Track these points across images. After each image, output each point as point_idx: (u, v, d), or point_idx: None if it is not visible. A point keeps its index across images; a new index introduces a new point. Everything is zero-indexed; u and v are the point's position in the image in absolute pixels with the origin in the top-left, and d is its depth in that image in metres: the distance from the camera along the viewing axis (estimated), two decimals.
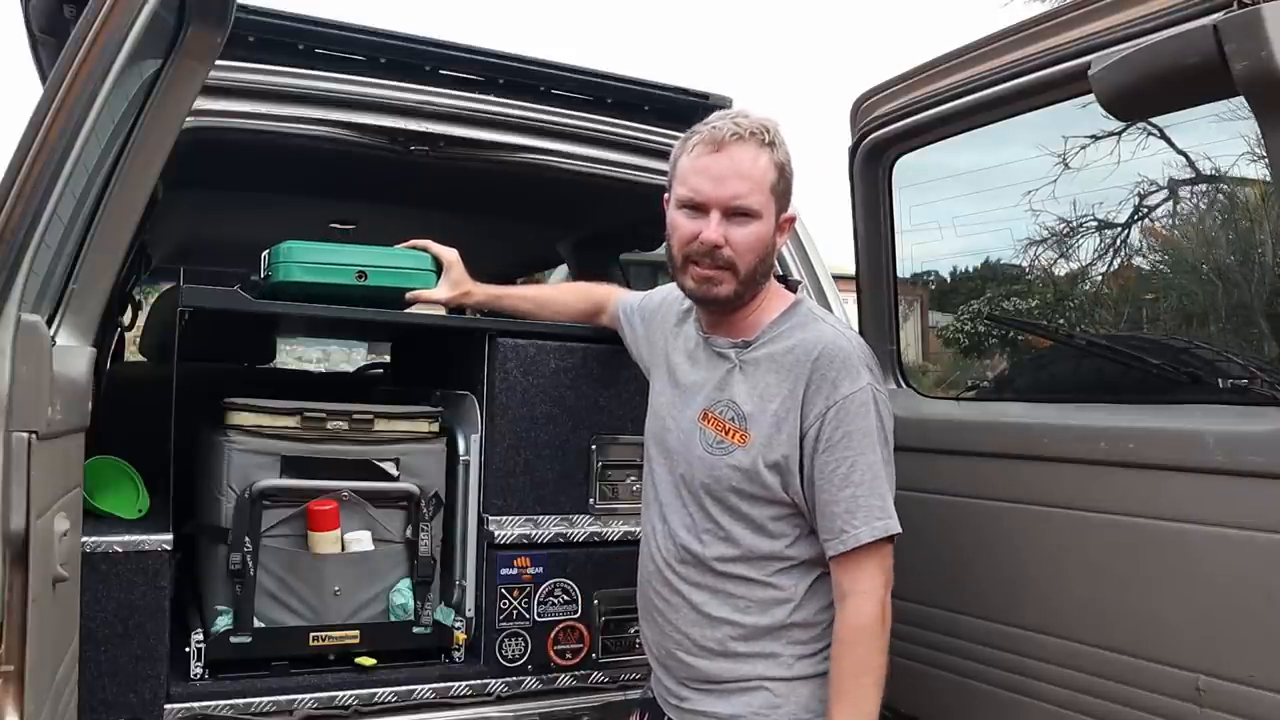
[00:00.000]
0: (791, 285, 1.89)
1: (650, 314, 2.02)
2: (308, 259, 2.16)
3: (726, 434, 1.70)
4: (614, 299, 2.22)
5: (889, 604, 1.64)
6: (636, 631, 2.27)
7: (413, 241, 2.32)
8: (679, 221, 1.71)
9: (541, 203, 3.02)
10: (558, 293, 2.43)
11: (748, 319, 1.76)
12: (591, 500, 2.31)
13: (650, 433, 1.89)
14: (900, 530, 1.64)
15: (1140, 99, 1.62)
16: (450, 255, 2.29)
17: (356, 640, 2.14)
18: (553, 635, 2.25)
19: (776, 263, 2.43)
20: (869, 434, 1.63)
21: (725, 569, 1.70)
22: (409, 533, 2.21)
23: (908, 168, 2.35)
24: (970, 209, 2.54)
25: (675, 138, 1.79)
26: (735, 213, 1.66)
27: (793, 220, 1.77)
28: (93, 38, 1.33)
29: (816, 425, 1.63)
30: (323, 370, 8.13)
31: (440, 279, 2.27)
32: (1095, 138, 2.40)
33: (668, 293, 1.98)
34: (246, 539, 2.06)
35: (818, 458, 1.63)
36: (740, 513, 1.69)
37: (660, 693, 1.83)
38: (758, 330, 1.74)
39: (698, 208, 1.68)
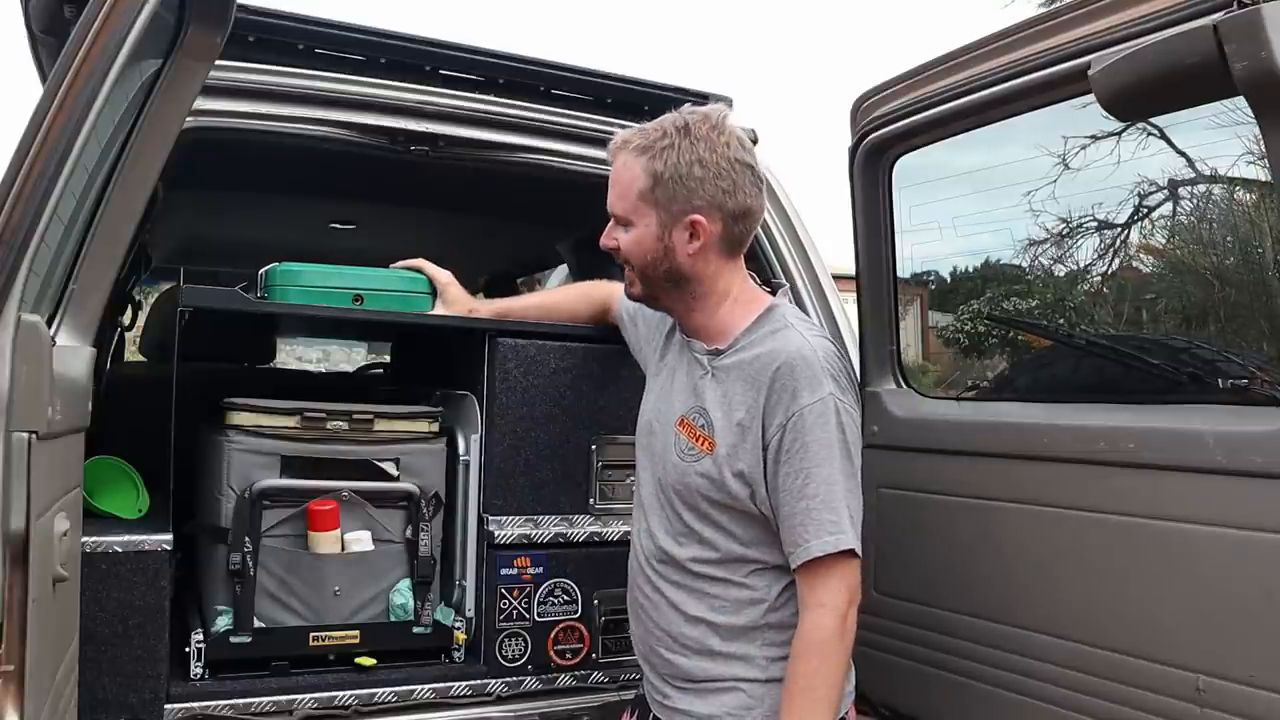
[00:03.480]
0: (774, 288, 1.88)
1: (649, 316, 2.02)
2: (304, 283, 2.15)
3: (697, 441, 1.71)
4: (617, 296, 2.20)
5: (852, 619, 1.62)
6: None
7: (408, 262, 2.30)
8: None
9: (541, 203, 3.02)
10: (562, 298, 2.41)
11: (715, 324, 1.76)
12: (591, 500, 2.31)
13: (638, 433, 1.90)
14: (854, 545, 1.61)
15: (1140, 99, 1.62)
16: (444, 277, 2.28)
17: (356, 640, 2.14)
18: (553, 635, 2.25)
19: (775, 264, 2.46)
20: (828, 445, 1.61)
21: (700, 570, 1.71)
22: (409, 533, 2.21)
23: (908, 168, 2.35)
24: (970, 209, 2.54)
25: None
26: (616, 220, 1.75)
27: (699, 223, 1.67)
28: (93, 38, 1.33)
29: (777, 436, 1.62)
30: (323, 370, 8.13)
31: (435, 301, 2.27)
32: (1095, 138, 2.40)
33: None
34: (246, 539, 2.06)
35: (779, 469, 1.63)
36: (711, 519, 1.70)
37: (648, 690, 1.85)
38: (730, 337, 1.73)
39: None
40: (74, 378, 1.50)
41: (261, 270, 2.21)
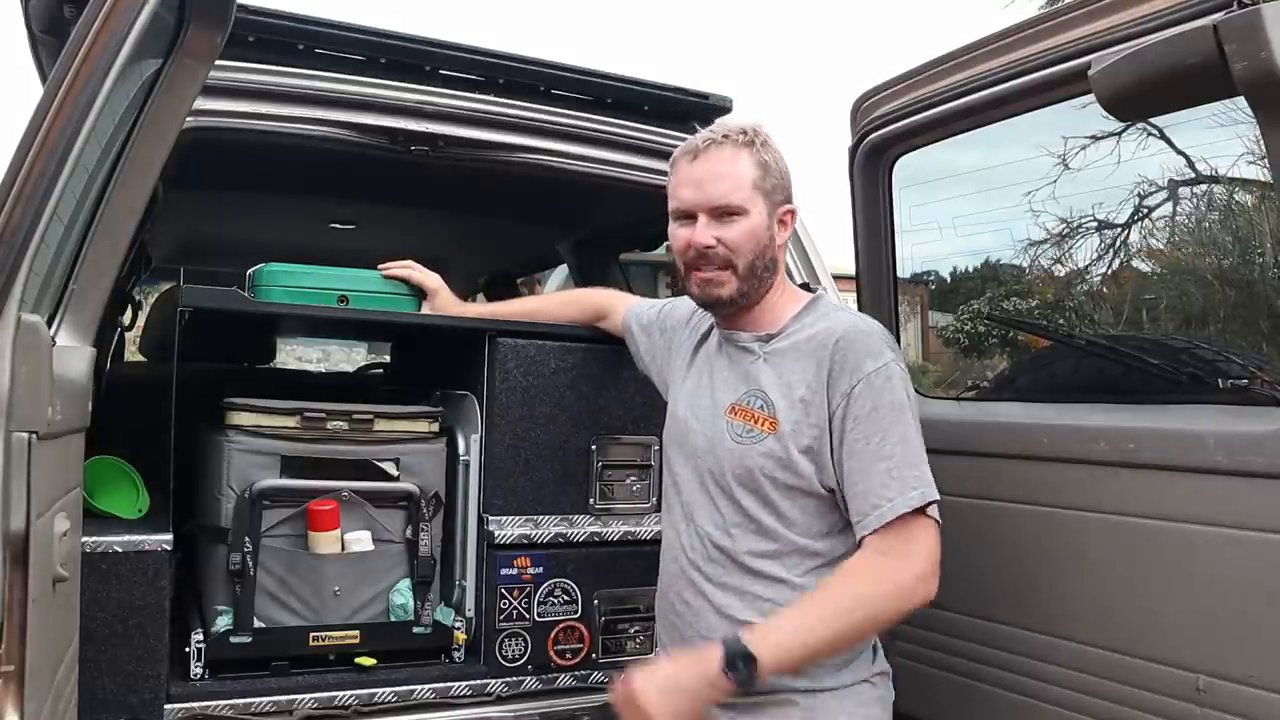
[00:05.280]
0: (810, 290, 1.91)
1: (675, 325, 2.01)
2: (289, 283, 2.16)
3: (756, 423, 1.70)
4: (620, 307, 2.21)
5: (930, 584, 1.58)
6: (637, 631, 2.28)
7: (395, 270, 2.29)
8: (675, 232, 1.77)
9: (541, 203, 3.02)
10: (548, 304, 2.42)
11: (766, 315, 1.78)
12: (591, 500, 2.31)
13: (670, 437, 1.89)
14: (938, 497, 1.61)
15: (1140, 99, 1.62)
16: (433, 282, 2.29)
17: (356, 640, 2.14)
18: (553, 635, 2.24)
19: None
20: (898, 407, 1.62)
21: (756, 565, 1.68)
22: (409, 533, 2.21)
23: (908, 168, 2.35)
24: (970, 209, 2.54)
25: (675, 138, 1.81)
26: (722, 213, 1.71)
27: (793, 214, 1.78)
28: (93, 38, 1.33)
29: (843, 404, 1.63)
30: (323, 370, 8.13)
31: (424, 305, 2.27)
32: (1095, 138, 2.40)
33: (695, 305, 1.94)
34: (246, 539, 2.06)
35: (847, 436, 1.62)
36: (772, 504, 1.68)
37: None
38: (780, 323, 1.76)
39: (688, 216, 1.74)
40: (74, 378, 1.50)
41: (249, 271, 2.22)
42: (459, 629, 2.23)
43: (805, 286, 1.95)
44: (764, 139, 1.74)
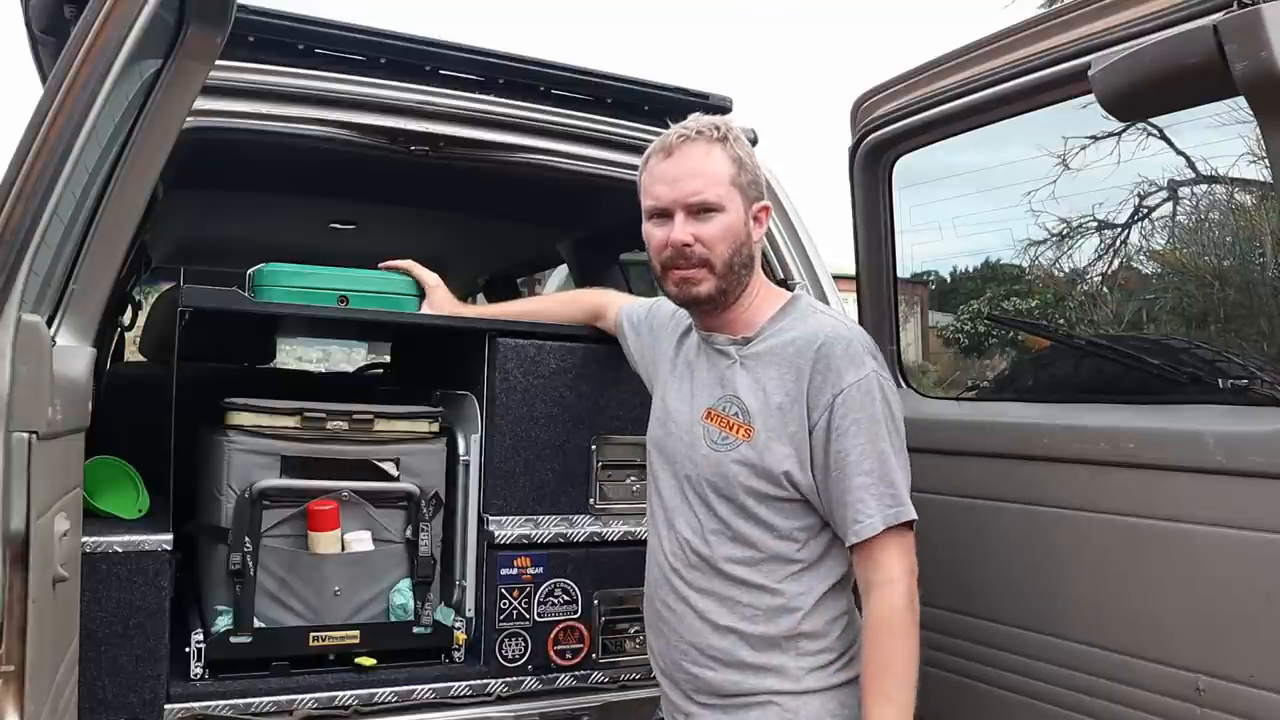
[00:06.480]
0: (789, 287, 1.89)
1: (660, 324, 2.01)
2: (289, 283, 2.17)
3: (731, 429, 1.69)
4: (615, 305, 2.21)
5: (915, 591, 1.62)
6: (637, 632, 2.28)
7: (395, 264, 2.30)
8: (650, 232, 1.76)
9: (541, 203, 3.02)
10: (549, 304, 2.43)
11: (743, 316, 1.76)
12: (591, 500, 2.31)
13: (651, 439, 1.88)
14: (915, 516, 1.63)
15: (1140, 99, 1.62)
16: (432, 279, 2.29)
17: (356, 640, 2.14)
18: (553, 635, 2.24)
19: (776, 264, 2.46)
20: (875, 421, 1.62)
21: (733, 572, 1.68)
22: (409, 533, 2.21)
23: (908, 168, 2.35)
24: (970, 209, 2.54)
25: None
26: (698, 210, 1.69)
27: (768, 210, 1.78)
28: (93, 38, 1.33)
29: (825, 416, 1.62)
30: (323, 370, 8.13)
31: (423, 303, 2.28)
32: (1095, 138, 2.40)
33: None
34: (246, 539, 2.06)
35: (830, 448, 1.62)
36: (748, 510, 1.67)
37: (667, 710, 1.81)
38: (757, 326, 1.74)
39: (663, 214, 1.72)
40: (74, 378, 1.50)
41: (249, 271, 2.22)
42: (459, 629, 2.23)
43: (782, 283, 1.94)
44: (735, 134, 1.73)
